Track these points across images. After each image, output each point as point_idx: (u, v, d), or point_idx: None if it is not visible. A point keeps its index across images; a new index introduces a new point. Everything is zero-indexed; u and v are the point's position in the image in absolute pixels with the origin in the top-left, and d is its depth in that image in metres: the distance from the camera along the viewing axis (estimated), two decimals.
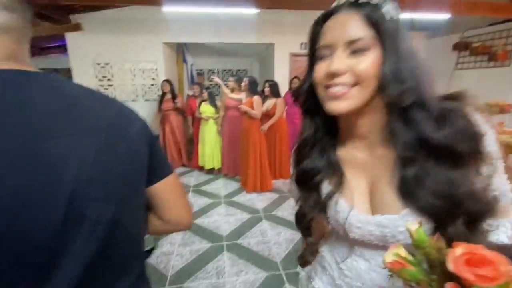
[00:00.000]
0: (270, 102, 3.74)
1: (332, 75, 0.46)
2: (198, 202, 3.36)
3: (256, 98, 3.44)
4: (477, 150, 0.44)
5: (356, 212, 0.53)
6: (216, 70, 7.45)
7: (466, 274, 0.33)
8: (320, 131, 0.57)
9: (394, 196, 0.49)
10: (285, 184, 3.90)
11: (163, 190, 0.59)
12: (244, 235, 2.59)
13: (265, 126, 3.65)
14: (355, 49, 0.45)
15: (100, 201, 0.44)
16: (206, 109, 4.19)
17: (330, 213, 0.57)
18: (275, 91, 3.79)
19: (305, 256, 0.70)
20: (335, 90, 0.47)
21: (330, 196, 0.56)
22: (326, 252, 0.66)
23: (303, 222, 0.65)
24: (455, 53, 5.10)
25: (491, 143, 0.45)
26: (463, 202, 0.44)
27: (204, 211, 3.13)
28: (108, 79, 4.98)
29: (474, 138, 0.44)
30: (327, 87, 0.48)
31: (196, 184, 3.98)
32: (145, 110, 5.11)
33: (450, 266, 0.34)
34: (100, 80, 4.95)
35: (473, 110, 0.47)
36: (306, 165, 0.58)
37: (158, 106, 4.67)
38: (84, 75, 4.83)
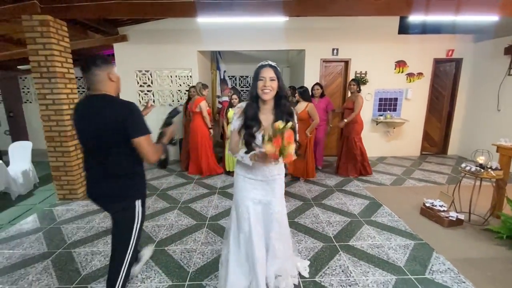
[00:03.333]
0: (300, 106, 3.82)
1: (265, 86, 1.60)
2: (222, 204, 3.47)
3: None
4: (291, 116, 1.70)
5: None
6: (247, 77, 7.64)
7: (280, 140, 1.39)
8: (255, 110, 1.67)
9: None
10: (310, 191, 3.86)
11: (136, 143, 1.41)
12: None
13: (308, 131, 3.95)
14: (272, 79, 1.60)
15: (97, 138, 1.44)
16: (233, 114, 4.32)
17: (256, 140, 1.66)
18: (306, 96, 3.91)
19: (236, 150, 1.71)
20: (266, 91, 1.60)
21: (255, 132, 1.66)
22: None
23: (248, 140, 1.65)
24: (507, 57, 4.62)
25: (295, 117, 1.73)
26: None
27: (228, 213, 3.22)
28: (148, 85, 5.40)
29: (291, 112, 1.71)
30: (262, 89, 1.60)
31: (222, 187, 4.12)
32: (181, 113, 5.47)
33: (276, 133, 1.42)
34: (141, 86, 5.39)
35: (292, 107, 1.73)
36: (250, 122, 1.65)
37: (184, 111, 4.91)
38: (128, 81, 5.31)
